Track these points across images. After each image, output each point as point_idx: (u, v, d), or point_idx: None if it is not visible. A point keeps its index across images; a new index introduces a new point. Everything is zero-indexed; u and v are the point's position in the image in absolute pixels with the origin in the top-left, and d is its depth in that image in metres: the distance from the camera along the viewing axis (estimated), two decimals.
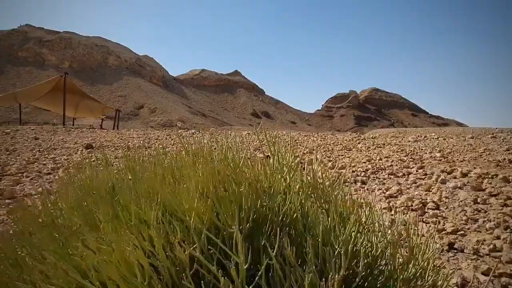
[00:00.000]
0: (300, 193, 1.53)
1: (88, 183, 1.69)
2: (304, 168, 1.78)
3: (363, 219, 1.47)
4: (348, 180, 5.62)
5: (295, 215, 1.45)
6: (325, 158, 8.13)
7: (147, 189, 1.53)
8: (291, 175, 1.61)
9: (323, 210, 1.50)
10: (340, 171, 6.47)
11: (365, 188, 5.50)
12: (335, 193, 1.51)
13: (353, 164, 7.19)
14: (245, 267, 1.10)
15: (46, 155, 8.97)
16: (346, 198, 1.54)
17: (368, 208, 1.57)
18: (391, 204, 4.60)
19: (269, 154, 1.81)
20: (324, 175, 1.56)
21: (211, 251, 1.22)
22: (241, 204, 1.34)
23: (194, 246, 1.18)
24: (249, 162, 1.50)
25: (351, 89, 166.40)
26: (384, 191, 5.23)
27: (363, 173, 6.31)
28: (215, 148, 1.78)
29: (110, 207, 1.36)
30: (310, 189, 1.56)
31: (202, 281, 1.28)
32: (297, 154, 1.75)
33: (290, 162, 1.63)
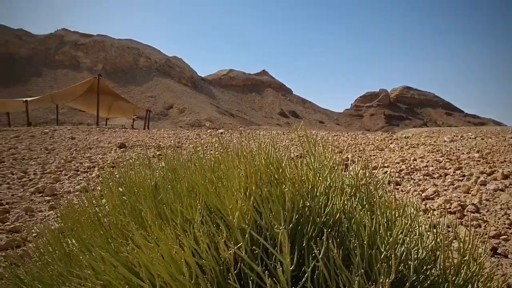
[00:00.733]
0: (342, 193, 1.50)
1: (130, 182, 1.73)
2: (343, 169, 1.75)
3: (409, 221, 1.42)
4: (391, 180, 5.49)
5: (337, 216, 1.42)
6: (356, 158, 7.97)
7: (188, 187, 1.55)
8: (331, 175, 1.58)
9: (367, 212, 1.46)
10: (373, 171, 6.33)
11: (400, 189, 5.35)
12: (379, 194, 1.47)
13: (386, 165, 7.02)
14: (291, 268, 1.09)
15: (83, 154, 9.31)
16: (390, 199, 1.49)
17: (413, 209, 1.51)
18: (427, 206, 4.45)
19: (299, 154, 1.79)
20: (367, 175, 1.53)
21: (256, 251, 1.22)
22: (284, 204, 1.33)
23: (239, 245, 1.18)
24: (292, 162, 1.49)
25: (382, 88, 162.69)
26: (420, 192, 5.06)
27: (396, 174, 6.14)
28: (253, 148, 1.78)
29: (154, 206, 1.38)
30: (353, 190, 1.53)
31: (245, 281, 1.28)
32: (337, 153, 1.71)
33: (331, 162, 1.60)
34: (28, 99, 26.44)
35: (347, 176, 1.69)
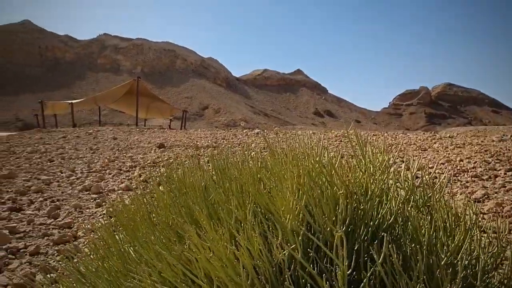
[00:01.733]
0: (397, 196, 1.44)
1: (180, 182, 1.76)
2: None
3: (469, 225, 1.35)
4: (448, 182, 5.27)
5: (391, 219, 1.37)
6: (397, 159, 7.72)
7: (237, 188, 1.55)
8: (384, 177, 1.53)
9: (424, 216, 1.40)
10: (418, 172, 6.10)
11: (446, 192, 5.11)
12: (436, 197, 1.40)
13: (430, 166, 6.74)
14: (348, 272, 1.06)
15: (124, 154, 9.65)
16: (449, 202, 1.42)
17: (471, 212, 1.43)
18: (477, 209, 4.22)
19: (339, 154, 1.74)
20: (425, 176, 1.46)
21: (310, 253, 1.20)
22: (335, 207, 1.30)
23: (292, 246, 1.17)
24: (345, 163, 1.46)
25: (422, 85, 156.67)
26: (468, 195, 4.81)
27: (442, 175, 5.88)
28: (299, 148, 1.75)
29: (204, 206, 1.40)
30: (408, 192, 1.47)
31: (297, 283, 1.26)
32: (389, 155, 1.65)
33: (383, 163, 1.55)
34: (74, 101, 27.74)
35: (398, 177, 1.62)
